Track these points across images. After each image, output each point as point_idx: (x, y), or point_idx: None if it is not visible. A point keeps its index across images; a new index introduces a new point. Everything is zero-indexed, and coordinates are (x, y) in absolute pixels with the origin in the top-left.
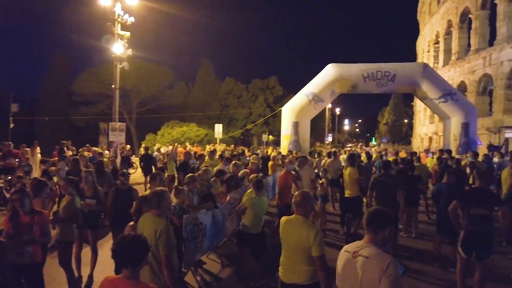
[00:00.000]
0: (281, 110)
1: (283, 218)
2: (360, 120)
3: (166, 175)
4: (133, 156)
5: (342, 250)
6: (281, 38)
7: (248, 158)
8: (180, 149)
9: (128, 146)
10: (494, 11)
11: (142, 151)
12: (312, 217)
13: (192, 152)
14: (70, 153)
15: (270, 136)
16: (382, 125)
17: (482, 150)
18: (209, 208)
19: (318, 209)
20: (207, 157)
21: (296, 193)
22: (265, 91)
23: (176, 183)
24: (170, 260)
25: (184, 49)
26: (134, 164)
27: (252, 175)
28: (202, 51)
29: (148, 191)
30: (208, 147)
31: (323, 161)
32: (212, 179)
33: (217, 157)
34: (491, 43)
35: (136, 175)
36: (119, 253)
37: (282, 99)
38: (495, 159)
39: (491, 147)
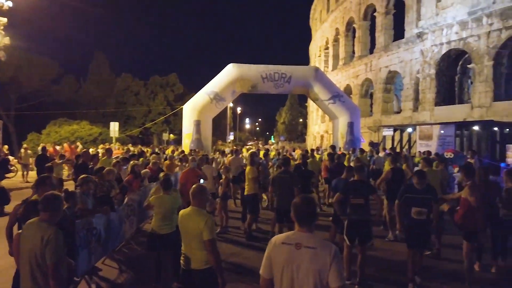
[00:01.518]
0: (182, 108)
1: (181, 212)
2: (260, 119)
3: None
4: (12, 158)
5: (279, 242)
6: (181, 34)
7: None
8: (65, 147)
9: (6, 146)
10: (374, 22)
11: (22, 151)
12: (209, 206)
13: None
14: None
15: (171, 135)
16: (280, 124)
17: (365, 146)
18: (106, 212)
19: (218, 206)
20: (101, 157)
21: (193, 186)
22: (165, 88)
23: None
24: (58, 270)
25: (74, 40)
26: (13, 167)
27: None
28: (95, 43)
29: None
30: (101, 147)
31: (225, 159)
32: None
33: (114, 156)
34: (371, 51)
35: (17, 179)
36: None
37: (183, 97)
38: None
39: (372, 144)
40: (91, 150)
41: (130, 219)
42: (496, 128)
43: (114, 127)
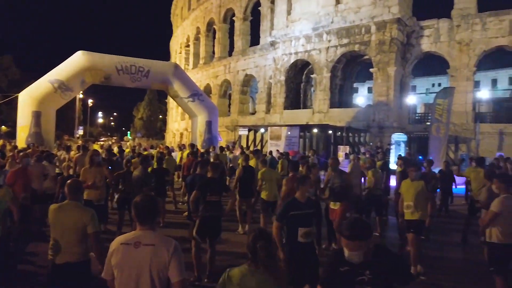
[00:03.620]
0: (17, 96)
1: (54, 206)
2: (115, 114)
3: None
4: None
5: (117, 244)
6: (22, 10)
7: None
8: None
9: None
10: (234, 26)
11: None
12: None
13: None
14: None
15: (3, 126)
16: (137, 119)
17: (222, 144)
18: None
19: None
20: None
21: (68, 181)
22: None
23: None
24: None
25: None
26: None
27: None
28: None
29: None
30: None
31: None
32: None
33: None
34: (230, 53)
35: None
36: None
37: (21, 84)
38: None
39: (228, 148)
40: None
41: None
42: (331, 131)
43: None
